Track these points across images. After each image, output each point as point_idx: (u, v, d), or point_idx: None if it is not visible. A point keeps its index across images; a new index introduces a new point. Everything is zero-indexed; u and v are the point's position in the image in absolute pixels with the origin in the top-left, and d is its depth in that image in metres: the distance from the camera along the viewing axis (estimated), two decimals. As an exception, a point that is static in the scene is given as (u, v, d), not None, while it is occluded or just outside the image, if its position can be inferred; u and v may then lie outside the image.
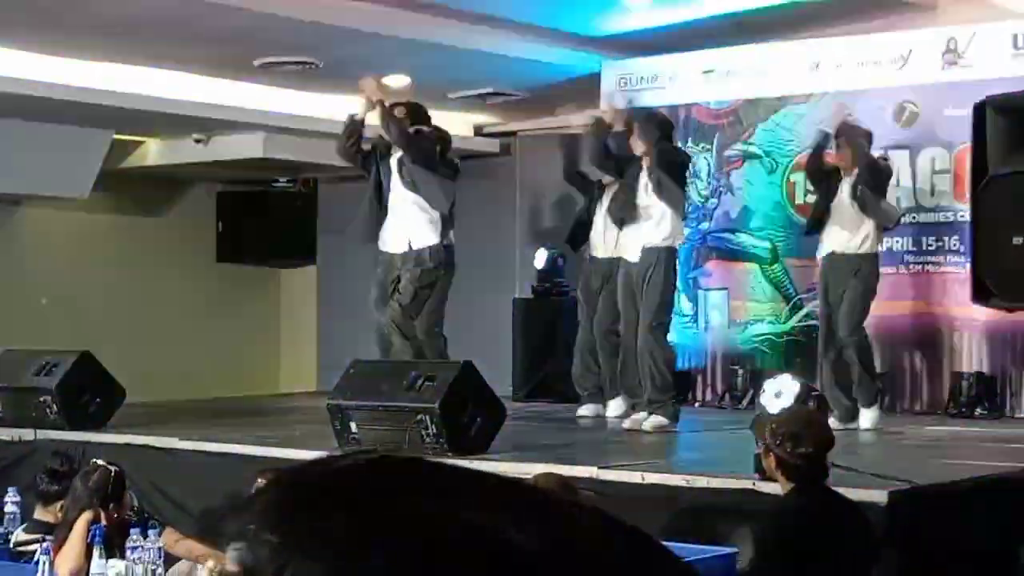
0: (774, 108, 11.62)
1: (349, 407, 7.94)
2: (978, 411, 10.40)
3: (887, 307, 10.96)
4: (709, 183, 11.93)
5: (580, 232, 10.57)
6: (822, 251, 9.42)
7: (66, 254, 13.63)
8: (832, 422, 8.05)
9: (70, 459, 7.03)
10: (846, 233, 9.20)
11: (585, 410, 10.32)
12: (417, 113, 9.46)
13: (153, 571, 5.42)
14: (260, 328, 15.14)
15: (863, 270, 9.18)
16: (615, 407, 10.10)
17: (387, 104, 9.14)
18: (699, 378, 11.88)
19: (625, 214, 9.32)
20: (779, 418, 5.44)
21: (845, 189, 9.23)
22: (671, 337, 9.68)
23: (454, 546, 0.75)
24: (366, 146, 9.42)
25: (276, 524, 0.77)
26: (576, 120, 10.63)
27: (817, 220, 9.42)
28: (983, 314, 10.18)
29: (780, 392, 9.71)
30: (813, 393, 9.82)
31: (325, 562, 0.75)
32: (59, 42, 10.46)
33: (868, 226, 9.16)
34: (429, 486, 0.78)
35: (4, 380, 9.54)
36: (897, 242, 10.96)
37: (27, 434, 9.02)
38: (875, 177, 9.18)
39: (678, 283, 9.79)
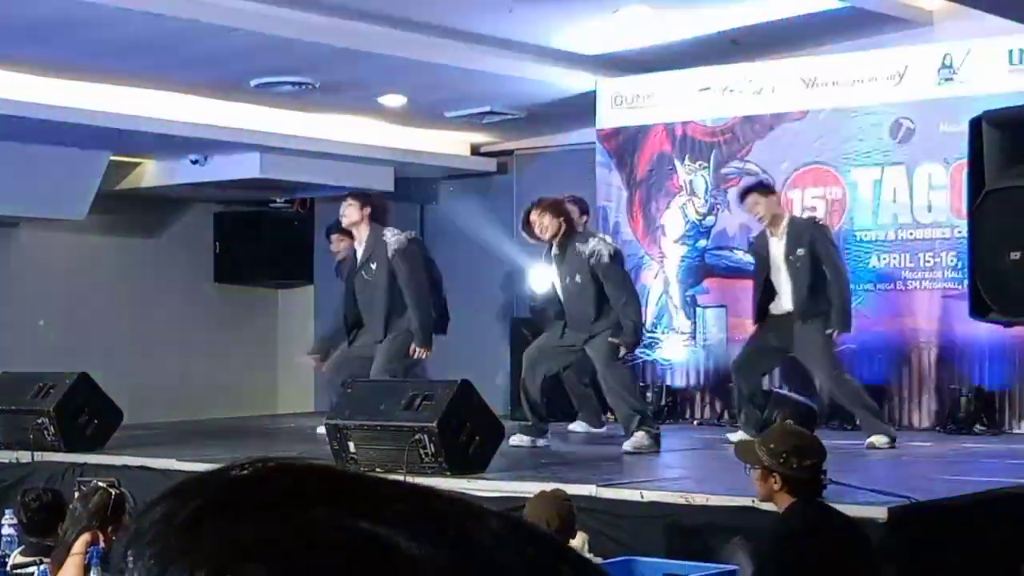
0: (771, 125, 11.63)
1: (347, 427, 7.94)
2: (977, 427, 10.39)
3: (886, 324, 10.97)
4: (706, 201, 11.93)
5: None
6: None
7: (63, 276, 13.62)
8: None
9: (51, 490, 6.97)
10: None
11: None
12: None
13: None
14: (258, 348, 15.13)
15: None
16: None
17: None
18: (697, 396, 11.87)
19: None
20: (774, 437, 5.39)
21: None
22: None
23: (336, 557, 0.74)
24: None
25: (156, 538, 0.77)
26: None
27: None
28: (981, 330, 10.16)
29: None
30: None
31: None
32: (55, 64, 10.46)
33: None
34: (322, 495, 0.77)
35: (1, 402, 9.53)
36: (895, 259, 10.97)
37: (24, 456, 9.00)
38: None
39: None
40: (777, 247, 9.50)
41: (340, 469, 0.82)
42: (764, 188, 9.92)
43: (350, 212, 10.15)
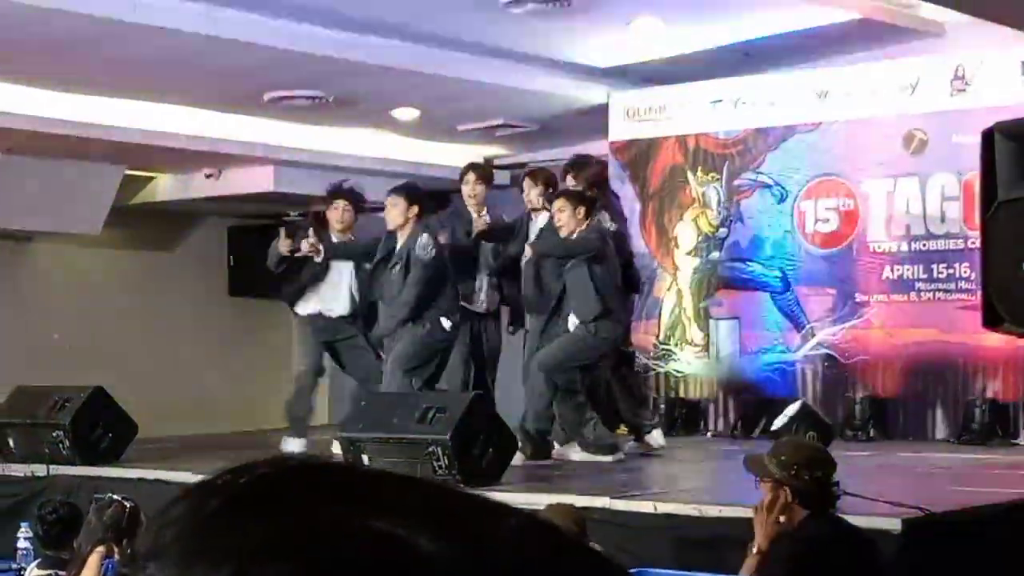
0: (783, 137, 11.63)
1: (361, 439, 7.95)
2: (991, 439, 10.36)
3: (899, 335, 10.96)
4: (719, 212, 11.93)
5: None
6: None
7: (78, 290, 13.66)
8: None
9: (67, 504, 6.98)
10: None
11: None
12: None
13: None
14: (272, 361, 15.12)
15: None
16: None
17: None
18: (710, 407, 11.86)
19: None
20: (784, 450, 5.38)
21: None
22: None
23: (355, 556, 0.74)
24: None
25: (178, 536, 0.77)
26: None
27: None
28: (995, 341, 10.15)
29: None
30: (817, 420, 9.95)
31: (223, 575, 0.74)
32: (70, 79, 10.51)
33: None
34: (343, 493, 0.78)
35: (17, 416, 9.55)
36: (908, 270, 10.96)
37: (40, 470, 9.02)
38: None
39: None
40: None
41: (361, 467, 0.83)
42: (574, 196, 9.18)
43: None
